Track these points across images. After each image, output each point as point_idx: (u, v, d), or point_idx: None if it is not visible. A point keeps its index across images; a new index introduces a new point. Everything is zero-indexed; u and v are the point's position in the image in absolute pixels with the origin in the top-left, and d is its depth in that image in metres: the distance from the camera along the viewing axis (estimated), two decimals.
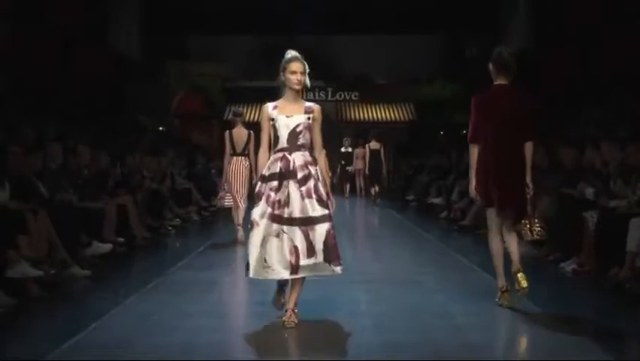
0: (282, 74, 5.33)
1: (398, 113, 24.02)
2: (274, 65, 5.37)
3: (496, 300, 5.90)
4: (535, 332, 5.27)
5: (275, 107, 5.32)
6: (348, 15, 20.54)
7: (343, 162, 20.51)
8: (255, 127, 11.07)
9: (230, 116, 10.63)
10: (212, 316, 5.70)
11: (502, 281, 5.89)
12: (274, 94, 8.19)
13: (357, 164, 19.79)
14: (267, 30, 21.62)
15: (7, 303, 5.90)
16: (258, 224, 5.12)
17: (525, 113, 5.87)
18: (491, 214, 5.93)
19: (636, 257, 6.74)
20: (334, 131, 23.09)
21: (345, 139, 20.63)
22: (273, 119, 5.27)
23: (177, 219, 12.19)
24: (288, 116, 5.25)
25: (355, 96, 24.39)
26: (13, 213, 6.82)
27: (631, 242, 6.74)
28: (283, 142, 5.25)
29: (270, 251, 5.08)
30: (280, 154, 5.25)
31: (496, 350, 4.74)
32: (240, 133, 9.94)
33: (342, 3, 20.38)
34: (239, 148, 9.90)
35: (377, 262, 8.70)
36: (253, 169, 9.04)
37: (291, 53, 5.35)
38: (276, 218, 5.12)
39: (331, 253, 5.11)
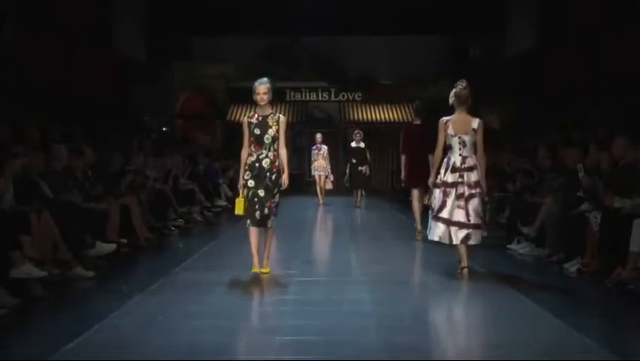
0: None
1: (401, 113, 24.01)
2: (278, 65, 5.38)
3: (416, 238, 10.21)
4: (537, 332, 5.28)
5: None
6: (351, 16, 20.47)
7: (354, 161, 16.82)
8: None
9: None
10: (215, 316, 5.70)
11: (418, 225, 10.22)
12: (277, 95, 8.33)
13: None
14: (270, 31, 21.61)
15: (10, 303, 5.92)
16: None
17: (428, 139, 9.34)
18: (413, 190, 10.49)
19: (639, 258, 6.73)
20: (338, 132, 23.19)
21: (356, 132, 17.14)
22: None
23: (180, 220, 12.20)
24: None
25: (359, 96, 24.40)
26: (16, 213, 6.82)
27: (634, 243, 6.74)
28: None
29: None
30: None
31: (498, 350, 4.74)
32: None
33: (346, 4, 20.33)
34: None
35: (380, 262, 8.69)
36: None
37: None
38: None
39: None
